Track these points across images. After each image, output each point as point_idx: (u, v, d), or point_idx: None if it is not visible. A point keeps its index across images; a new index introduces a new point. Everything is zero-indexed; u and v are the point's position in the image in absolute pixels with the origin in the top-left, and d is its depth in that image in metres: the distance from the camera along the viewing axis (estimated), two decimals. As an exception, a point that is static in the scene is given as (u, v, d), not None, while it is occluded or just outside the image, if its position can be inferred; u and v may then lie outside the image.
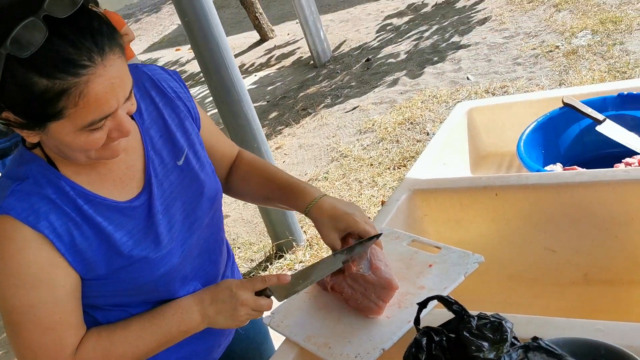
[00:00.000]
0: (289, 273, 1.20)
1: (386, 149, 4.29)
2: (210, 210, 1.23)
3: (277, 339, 1.57)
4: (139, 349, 1.12)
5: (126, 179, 1.12)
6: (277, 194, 1.33)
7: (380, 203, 3.58)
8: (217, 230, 1.29)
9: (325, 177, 4.22)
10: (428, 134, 4.24)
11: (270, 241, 3.67)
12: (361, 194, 3.81)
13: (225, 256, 1.35)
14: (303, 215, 1.28)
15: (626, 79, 3.89)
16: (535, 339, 0.86)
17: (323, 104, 5.60)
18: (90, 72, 0.90)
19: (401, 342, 1.09)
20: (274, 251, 3.57)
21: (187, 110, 1.21)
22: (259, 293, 1.15)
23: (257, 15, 8.40)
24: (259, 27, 8.53)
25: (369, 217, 1.28)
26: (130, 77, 0.98)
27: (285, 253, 3.51)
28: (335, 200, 1.26)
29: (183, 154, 1.18)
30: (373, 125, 4.73)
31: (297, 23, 8.27)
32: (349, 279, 1.21)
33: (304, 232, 3.63)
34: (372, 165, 4.15)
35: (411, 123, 4.50)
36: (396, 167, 3.99)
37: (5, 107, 0.92)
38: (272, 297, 1.17)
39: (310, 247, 3.49)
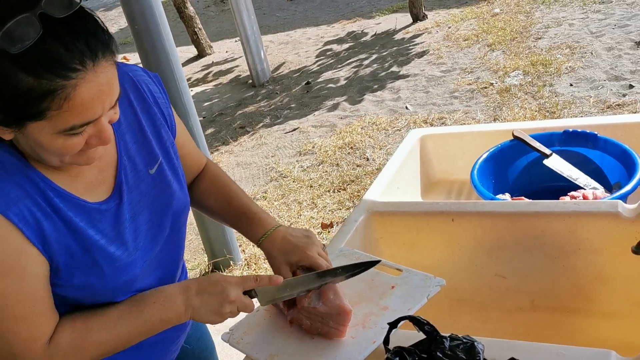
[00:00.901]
0: None
1: (326, 171, 4.32)
2: (177, 223, 1.20)
3: (223, 357, 1.54)
4: (116, 336, 1.06)
5: (96, 182, 1.08)
6: (233, 220, 1.31)
7: (320, 225, 3.59)
8: (179, 246, 1.26)
9: (263, 197, 4.19)
10: (368, 159, 4.31)
11: (206, 259, 3.59)
12: (300, 215, 3.81)
13: (180, 273, 1.32)
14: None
15: (555, 118, 4.11)
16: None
17: (262, 124, 5.59)
18: (79, 77, 0.87)
19: (367, 362, 1.09)
20: (210, 269, 3.50)
21: (164, 117, 1.18)
22: (244, 292, 1.12)
23: (196, 30, 8.34)
24: (197, 43, 8.46)
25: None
26: (119, 85, 0.96)
27: (221, 272, 3.44)
28: (288, 231, 1.25)
29: (156, 163, 1.15)
30: (313, 147, 4.76)
31: (236, 41, 8.26)
32: (304, 311, 1.20)
33: (242, 250, 3.58)
34: (311, 187, 4.16)
35: (351, 148, 4.56)
36: (336, 190, 4.02)
37: None
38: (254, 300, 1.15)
39: (248, 267, 3.44)
